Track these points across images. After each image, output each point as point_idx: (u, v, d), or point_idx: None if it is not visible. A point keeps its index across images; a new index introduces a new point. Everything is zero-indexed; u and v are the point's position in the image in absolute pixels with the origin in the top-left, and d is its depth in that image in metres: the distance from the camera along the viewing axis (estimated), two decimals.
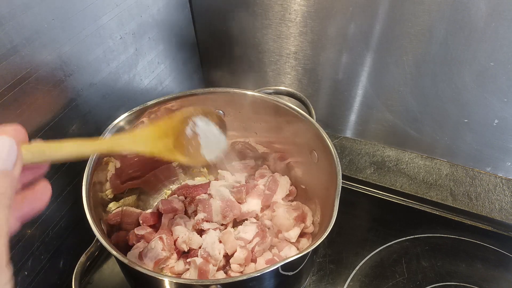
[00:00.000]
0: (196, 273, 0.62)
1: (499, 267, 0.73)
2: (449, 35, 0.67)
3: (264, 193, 0.74)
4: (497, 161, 0.80)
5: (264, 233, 0.67)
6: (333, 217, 0.50)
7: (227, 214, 0.70)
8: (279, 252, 0.66)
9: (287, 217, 0.67)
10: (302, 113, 0.65)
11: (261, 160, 0.80)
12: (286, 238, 0.67)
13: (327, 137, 0.61)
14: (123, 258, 0.47)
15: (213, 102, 0.71)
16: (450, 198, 0.85)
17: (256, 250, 0.65)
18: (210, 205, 0.70)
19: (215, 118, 0.56)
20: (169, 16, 0.78)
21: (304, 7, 0.74)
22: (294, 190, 0.76)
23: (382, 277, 0.71)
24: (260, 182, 0.76)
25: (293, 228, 0.67)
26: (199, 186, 0.76)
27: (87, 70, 0.61)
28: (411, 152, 0.88)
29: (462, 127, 0.78)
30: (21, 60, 0.49)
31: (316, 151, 0.66)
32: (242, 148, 0.79)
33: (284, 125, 0.69)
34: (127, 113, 0.63)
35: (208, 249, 0.63)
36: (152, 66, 0.78)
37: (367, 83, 0.80)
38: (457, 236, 0.78)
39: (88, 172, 0.56)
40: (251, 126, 0.74)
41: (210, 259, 0.63)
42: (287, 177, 0.76)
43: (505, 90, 0.69)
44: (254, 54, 0.86)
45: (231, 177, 0.79)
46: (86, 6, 0.57)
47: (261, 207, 0.73)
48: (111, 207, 0.66)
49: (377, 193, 0.86)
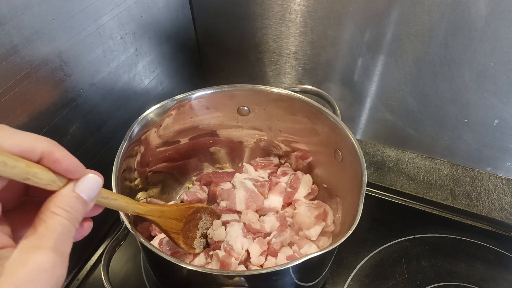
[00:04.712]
0: (218, 266, 0.62)
1: (499, 267, 0.73)
2: (449, 35, 0.67)
3: (286, 190, 0.74)
4: (497, 161, 0.80)
5: (283, 227, 0.67)
6: (357, 216, 0.51)
7: (250, 204, 0.70)
8: (299, 250, 0.67)
9: (308, 215, 0.68)
10: (327, 112, 0.65)
11: (284, 159, 0.81)
12: (306, 236, 0.67)
13: (353, 136, 0.61)
14: (150, 245, 0.49)
15: (239, 98, 0.72)
16: (450, 198, 0.85)
17: (274, 242, 0.65)
18: (234, 194, 0.71)
19: (214, 218, 0.69)
20: (169, 16, 0.78)
21: (304, 7, 0.74)
22: (316, 189, 0.76)
23: (382, 277, 0.71)
24: (282, 179, 0.77)
25: (314, 226, 0.67)
26: (224, 173, 0.78)
27: (87, 70, 0.61)
28: (411, 152, 0.88)
29: (462, 127, 0.78)
30: (21, 60, 0.49)
31: (340, 151, 0.66)
32: (266, 145, 0.80)
33: (309, 123, 0.70)
34: (157, 105, 0.65)
35: (232, 242, 0.64)
36: (152, 66, 0.78)
37: (367, 83, 0.80)
38: (457, 236, 0.78)
39: (118, 160, 0.57)
40: (276, 123, 0.75)
41: (233, 252, 0.63)
42: (309, 176, 0.76)
43: (505, 90, 0.69)
44: (254, 54, 0.86)
45: (254, 172, 0.80)
46: (86, 6, 0.57)
47: (282, 204, 0.74)
48: (139, 197, 0.67)
49: (377, 193, 0.86)
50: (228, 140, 0.80)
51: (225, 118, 0.75)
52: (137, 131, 0.62)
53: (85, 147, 0.65)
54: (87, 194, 0.32)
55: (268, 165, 0.80)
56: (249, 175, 0.78)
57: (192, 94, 0.68)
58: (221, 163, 0.84)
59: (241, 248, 0.63)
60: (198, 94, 0.69)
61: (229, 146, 0.81)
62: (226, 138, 0.80)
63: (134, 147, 0.64)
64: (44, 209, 0.30)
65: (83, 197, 0.32)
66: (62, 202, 0.31)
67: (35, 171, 0.29)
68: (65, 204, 0.31)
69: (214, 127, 0.77)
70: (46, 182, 0.30)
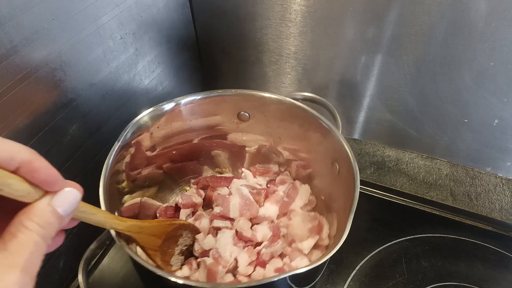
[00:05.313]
0: (205, 273, 0.61)
1: (499, 267, 0.73)
2: (449, 35, 0.67)
3: (283, 199, 0.73)
4: (497, 161, 0.80)
5: (275, 237, 0.65)
6: (345, 233, 0.49)
7: (244, 212, 0.69)
8: (290, 262, 0.64)
9: (301, 227, 0.66)
10: (327, 123, 0.64)
11: (284, 167, 0.79)
12: (299, 249, 0.66)
13: (350, 150, 0.59)
14: (135, 255, 0.47)
15: (239, 103, 0.71)
16: (450, 198, 0.85)
17: (263, 253, 0.63)
18: (228, 201, 0.70)
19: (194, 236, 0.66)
20: (169, 16, 0.78)
21: (304, 7, 0.74)
22: (314, 200, 0.73)
23: (382, 277, 0.71)
24: (280, 188, 0.75)
25: (307, 239, 0.65)
26: (222, 178, 0.77)
27: (87, 70, 0.61)
28: (411, 152, 0.88)
29: (462, 127, 0.78)
30: (21, 60, 0.49)
31: (338, 163, 0.64)
32: (267, 152, 0.78)
33: (308, 133, 0.68)
34: (150, 108, 0.64)
35: (221, 249, 0.63)
36: (152, 66, 0.78)
37: (367, 83, 0.80)
38: (457, 236, 0.78)
39: (108, 163, 0.57)
40: (276, 130, 0.73)
41: (221, 260, 0.62)
42: (307, 186, 0.74)
43: (505, 90, 0.69)
44: (254, 54, 0.86)
45: (253, 179, 0.78)
46: (86, 6, 0.57)
47: (277, 214, 0.72)
48: (125, 200, 0.66)
49: (377, 193, 0.86)
50: (230, 144, 0.79)
51: (225, 122, 0.74)
52: (131, 134, 0.62)
53: (85, 147, 0.65)
54: (64, 209, 0.31)
55: (267, 172, 0.78)
56: (246, 182, 0.76)
57: (192, 97, 0.68)
58: (221, 167, 0.83)
59: (229, 256, 0.62)
60: (199, 97, 0.68)
61: (230, 151, 0.80)
62: (229, 142, 0.79)
63: (127, 149, 0.63)
64: (16, 222, 0.28)
65: (59, 212, 0.30)
66: (36, 216, 0.29)
67: (10, 181, 0.28)
68: (39, 218, 0.29)
69: (213, 132, 0.76)
70: (21, 193, 0.28)
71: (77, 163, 0.64)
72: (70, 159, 0.62)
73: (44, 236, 0.29)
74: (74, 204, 0.32)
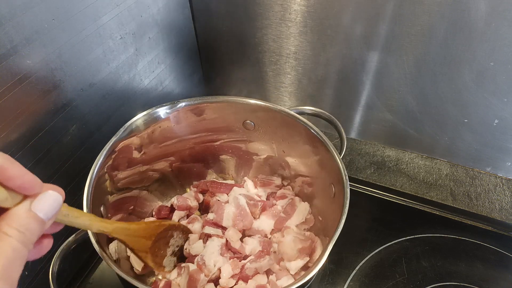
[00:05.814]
0: (186, 279, 0.60)
1: (499, 267, 0.73)
2: (449, 35, 0.67)
3: (280, 215, 0.71)
4: (497, 161, 0.80)
5: (263, 253, 0.64)
6: (322, 259, 0.49)
7: (237, 222, 0.68)
8: (276, 280, 0.63)
9: (292, 246, 0.64)
10: (327, 142, 0.62)
11: (287, 181, 0.78)
12: (287, 268, 0.64)
13: (346, 174, 0.58)
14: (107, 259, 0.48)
15: (244, 112, 0.70)
16: (450, 198, 0.85)
17: (247, 267, 0.62)
18: (223, 209, 0.69)
19: (186, 236, 0.66)
20: (169, 16, 0.78)
21: (304, 7, 0.74)
22: (312, 220, 0.72)
23: (382, 277, 0.71)
24: (279, 202, 0.74)
25: (296, 259, 0.64)
26: (222, 184, 0.76)
27: (87, 70, 0.61)
28: (411, 152, 0.88)
29: (462, 127, 0.78)
30: (21, 60, 0.49)
31: (334, 185, 0.62)
32: (274, 163, 0.77)
33: (310, 150, 0.67)
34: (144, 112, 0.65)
35: (206, 257, 0.62)
36: (152, 66, 0.78)
37: (367, 83, 0.80)
38: (457, 236, 0.78)
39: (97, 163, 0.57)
40: (280, 143, 0.73)
41: (204, 268, 0.61)
42: (307, 204, 0.73)
43: (505, 90, 0.69)
44: (254, 54, 0.86)
45: (253, 189, 0.77)
46: (86, 6, 0.57)
47: (272, 229, 0.71)
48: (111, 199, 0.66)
49: (377, 193, 0.86)
50: (242, 150, 0.78)
51: (230, 130, 0.74)
52: (125, 136, 0.63)
53: (85, 147, 0.65)
54: (45, 213, 0.30)
55: (269, 184, 0.77)
56: (246, 191, 0.75)
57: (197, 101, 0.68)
58: (225, 173, 0.83)
59: (213, 265, 0.61)
60: (204, 101, 0.68)
61: (240, 157, 0.79)
62: (234, 149, 0.78)
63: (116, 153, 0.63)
64: None
65: (40, 216, 0.29)
66: (15, 221, 0.28)
67: None
68: (18, 224, 0.28)
69: (218, 139, 0.76)
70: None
71: (77, 163, 0.64)
72: (70, 159, 0.62)
73: (24, 241, 0.28)
74: (56, 207, 0.31)
